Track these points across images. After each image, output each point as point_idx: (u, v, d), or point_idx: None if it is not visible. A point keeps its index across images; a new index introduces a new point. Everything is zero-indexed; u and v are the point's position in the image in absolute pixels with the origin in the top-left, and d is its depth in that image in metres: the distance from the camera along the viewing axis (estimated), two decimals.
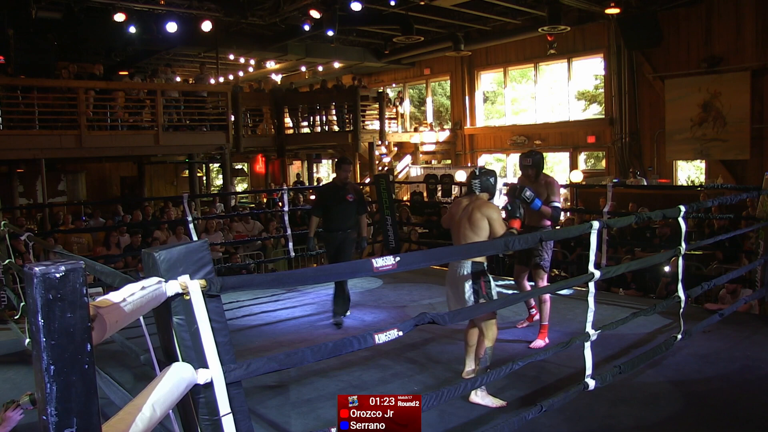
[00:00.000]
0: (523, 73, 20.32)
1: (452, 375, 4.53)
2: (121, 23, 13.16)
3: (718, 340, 5.13)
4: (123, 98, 13.08)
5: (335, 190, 6.25)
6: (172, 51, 17.62)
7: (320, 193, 6.62)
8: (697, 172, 16.69)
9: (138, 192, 17.08)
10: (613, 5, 14.07)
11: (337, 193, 6.20)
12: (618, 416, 3.79)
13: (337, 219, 6.18)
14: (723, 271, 7.74)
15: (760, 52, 13.57)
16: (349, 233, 6.25)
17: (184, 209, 8.26)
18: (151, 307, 1.91)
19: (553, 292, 6.53)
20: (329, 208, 6.22)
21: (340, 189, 6.21)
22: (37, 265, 1.35)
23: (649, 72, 15.43)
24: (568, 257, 9.92)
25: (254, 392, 4.12)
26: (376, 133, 17.53)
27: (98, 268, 2.69)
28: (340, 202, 6.15)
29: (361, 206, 6.37)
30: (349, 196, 6.16)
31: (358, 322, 6.20)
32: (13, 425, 2.79)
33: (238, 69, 21.11)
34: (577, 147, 17.47)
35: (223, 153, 14.83)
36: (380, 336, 2.50)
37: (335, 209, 6.17)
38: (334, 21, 13.96)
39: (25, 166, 13.78)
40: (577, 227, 4.16)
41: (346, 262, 5.56)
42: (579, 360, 3.58)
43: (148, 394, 1.73)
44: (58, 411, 1.33)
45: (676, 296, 4.50)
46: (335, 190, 6.25)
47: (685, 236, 4.49)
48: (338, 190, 6.22)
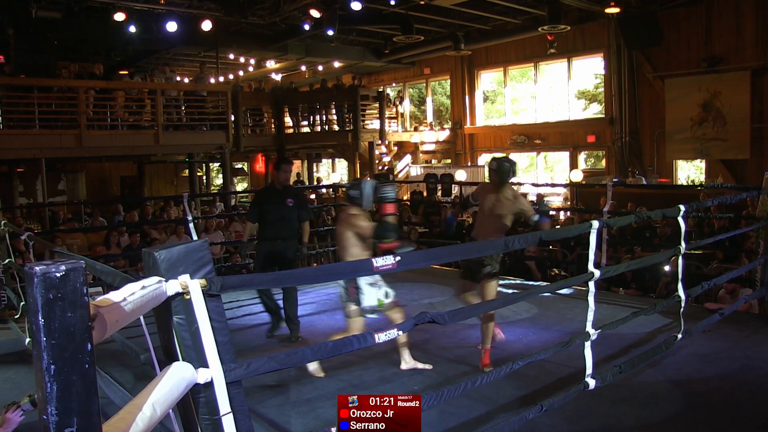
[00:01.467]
0: (523, 72, 20.32)
1: (452, 374, 4.53)
2: (121, 23, 13.15)
3: (718, 339, 5.13)
4: (123, 98, 13.08)
5: (273, 194, 5.72)
6: (172, 50, 17.62)
7: (256, 197, 5.98)
8: (697, 172, 16.69)
9: (138, 191, 17.09)
10: (613, 5, 14.06)
11: (275, 197, 5.66)
12: (618, 416, 3.79)
13: (275, 226, 5.61)
14: (723, 270, 7.74)
15: (760, 51, 13.57)
16: (289, 242, 5.66)
17: (184, 209, 8.26)
18: (151, 306, 1.91)
19: (553, 292, 6.56)
20: (265, 212, 5.66)
21: (279, 192, 5.69)
22: (37, 264, 1.35)
23: (649, 71, 15.43)
24: (568, 257, 9.92)
25: (254, 392, 4.13)
26: (376, 133, 17.53)
27: (98, 268, 2.69)
28: (279, 207, 5.60)
29: (304, 211, 5.78)
30: (289, 200, 5.62)
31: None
32: (14, 426, 2.79)
33: (238, 68, 21.10)
34: (577, 146, 17.47)
35: (223, 152, 14.84)
36: (380, 335, 2.50)
37: (272, 215, 5.61)
38: (334, 20, 13.96)
39: (25, 166, 13.79)
40: (577, 227, 4.17)
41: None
42: (579, 359, 3.58)
43: (148, 393, 1.73)
44: (58, 410, 1.33)
45: (677, 296, 4.50)
46: (273, 194, 5.72)
47: (685, 236, 4.49)
48: (277, 193, 5.69)
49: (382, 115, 17.56)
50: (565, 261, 9.76)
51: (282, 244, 5.62)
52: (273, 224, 5.61)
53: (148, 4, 13.27)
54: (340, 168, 24.00)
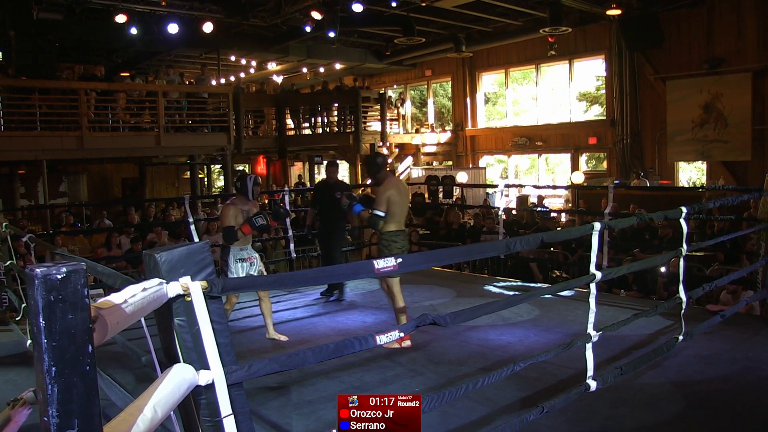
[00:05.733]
0: (524, 74, 20.34)
1: (454, 376, 4.53)
2: (123, 24, 13.18)
3: (719, 341, 5.12)
4: (124, 99, 13.09)
5: (326, 188, 7.29)
6: (173, 52, 17.65)
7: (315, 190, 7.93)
8: (699, 174, 16.69)
9: (139, 193, 17.10)
10: (615, 6, 14.08)
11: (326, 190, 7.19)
12: (619, 417, 3.79)
13: (327, 212, 7.18)
14: (724, 272, 7.73)
15: (762, 53, 13.57)
16: (337, 224, 7.24)
17: (186, 210, 8.27)
18: (152, 308, 1.92)
19: (554, 293, 6.56)
20: (320, 202, 7.30)
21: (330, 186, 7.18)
22: (38, 266, 1.35)
23: (651, 73, 15.43)
24: (569, 258, 9.90)
25: (256, 393, 4.12)
26: (377, 135, 17.54)
27: (99, 270, 2.69)
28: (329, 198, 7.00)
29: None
30: (337, 193, 6.68)
31: (359, 323, 6.20)
32: (21, 423, 2.77)
33: (239, 70, 21.14)
34: (579, 148, 17.48)
35: (225, 154, 14.84)
36: (381, 337, 2.50)
37: (325, 204, 7.16)
38: (335, 22, 13.98)
39: (27, 168, 13.80)
40: (579, 228, 4.16)
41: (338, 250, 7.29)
42: (580, 361, 3.58)
43: (149, 395, 1.73)
44: (59, 412, 1.33)
45: (678, 297, 4.49)
46: (326, 188, 7.29)
47: (686, 237, 4.49)
48: (329, 187, 7.20)
49: (383, 116, 17.57)
50: (566, 263, 9.75)
51: (332, 225, 7.20)
52: (325, 211, 7.19)
53: (149, 5, 13.30)
54: (341, 170, 24.00)
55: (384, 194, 5.30)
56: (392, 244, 5.35)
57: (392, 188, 5.33)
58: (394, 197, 5.30)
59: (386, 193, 5.29)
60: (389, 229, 5.35)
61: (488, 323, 5.74)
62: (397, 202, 5.33)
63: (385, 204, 5.28)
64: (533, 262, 9.38)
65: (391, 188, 5.33)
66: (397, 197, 5.32)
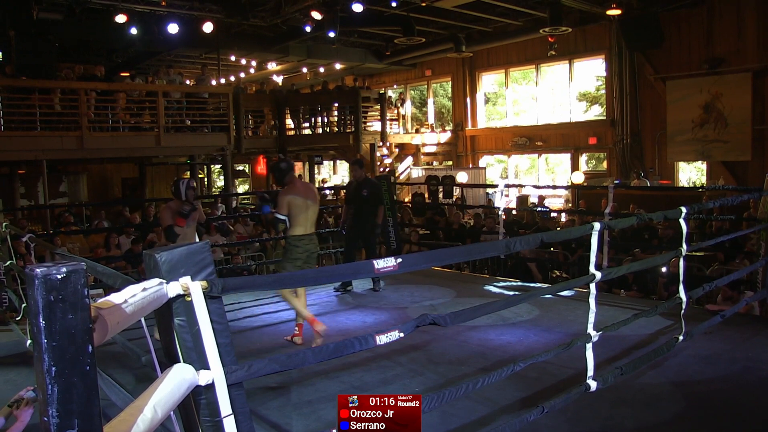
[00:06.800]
0: (524, 74, 20.33)
1: (454, 376, 4.53)
2: (123, 24, 13.17)
3: (719, 341, 5.12)
4: (124, 99, 13.09)
5: (355, 186, 7.74)
6: (173, 52, 17.64)
7: (347, 188, 8.37)
8: (698, 174, 16.68)
9: (139, 193, 17.09)
10: (615, 6, 14.07)
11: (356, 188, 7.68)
12: (619, 417, 3.79)
13: (357, 208, 7.66)
14: (724, 272, 7.73)
15: (762, 53, 13.57)
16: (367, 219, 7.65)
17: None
18: (152, 308, 1.92)
19: (554, 293, 6.56)
20: (351, 199, 7.80)
21: (359, 184, 7.65)
22: (38, 266, 1.35)
23: (651, 73, 15.43)
24: (569, 258, 9.90)
25: (256, 393, 4.13)
26: (377, 135, 17.54)
27: (99, 269, 2.69)
28: (357, 196, 7.57)
29: (376, 199, 7.66)
30: (365, 191, 7.53)
31: (359, 323, 6.20)
32: (27, 422, 2.77)
33: (239, 70, 21.13)
34: (579, 148, 17.47)
35: (225, 154, 14.84)
36: (381, 337, 2.50)
37: (355, 201, 7.68)
38: (335, 22, 13.97)
39: (27, 168, 13.80)
40: (578, 228, 4.16)
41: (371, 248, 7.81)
42: (580, 361, 3.58)
43: (149, 395, 1.73)
44: (59, 412, 1.33)
45: (678, 297, 4.49)
46: (355, 186, 7.74)
47: (686, 237, 4.49)
48: (357, 185, 7.67)
49: (383, 116, 17.56)
50: (566, 263, 9.74)
51: (361, 221, 7.67)
52: (355, 208, 7.70)
53: (149, 5, 13.29)
54: (341, 170, 24.00)
55: (284, 198, 5.42)
56: (294, 248, 5.51)
57: (294, 193, 5.44)
58: (295, 201, 5.41)
59: (286, 197, 5.41)
60: (293, 233, 5.50)
61: (488, 323, 5.74)
62: (300, 206, 5.43)
63: (286, 208, 5.40)
64: (533, 262, 9.38)
65: (293, 193, 5.44)
66: (300, 201, 5.43)
